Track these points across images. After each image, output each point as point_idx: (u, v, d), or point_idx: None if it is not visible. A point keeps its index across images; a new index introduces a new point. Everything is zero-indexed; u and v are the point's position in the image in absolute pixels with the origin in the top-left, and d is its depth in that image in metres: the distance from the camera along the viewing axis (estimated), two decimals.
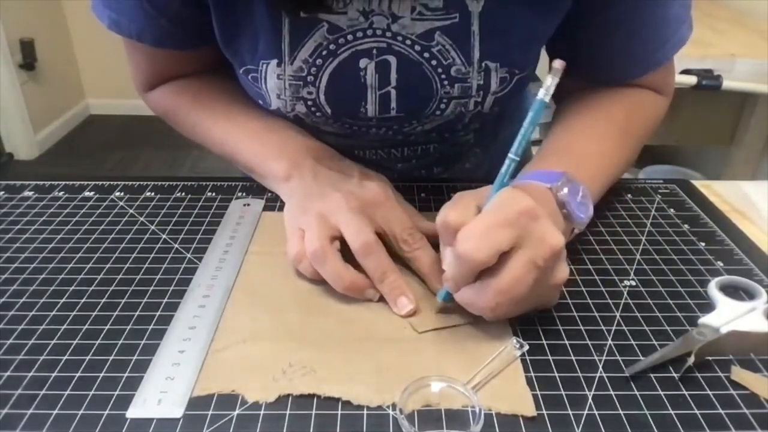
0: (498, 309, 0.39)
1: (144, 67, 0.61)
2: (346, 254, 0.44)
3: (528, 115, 0.41)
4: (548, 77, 0.40)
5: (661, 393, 0.36)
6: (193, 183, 0.61)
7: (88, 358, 0.39)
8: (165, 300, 0.44)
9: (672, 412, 0.35)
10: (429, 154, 0.63)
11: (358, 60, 0.51)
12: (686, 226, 0.54)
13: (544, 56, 0.61)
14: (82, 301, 0.44)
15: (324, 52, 0.50)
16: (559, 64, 0.40)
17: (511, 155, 0.41)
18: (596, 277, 0.47)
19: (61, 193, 0.59)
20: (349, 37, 0.50)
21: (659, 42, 0.55)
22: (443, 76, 0.51)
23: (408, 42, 0.50)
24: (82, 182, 0.61)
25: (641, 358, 0.39)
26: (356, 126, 0.56)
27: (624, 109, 0.57)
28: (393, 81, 0.52)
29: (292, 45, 0.50)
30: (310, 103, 0.53)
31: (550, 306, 0.43)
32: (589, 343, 0.40)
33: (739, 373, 0.38)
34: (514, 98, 0.56)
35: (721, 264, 0.49)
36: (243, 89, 0.59)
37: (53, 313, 0.43)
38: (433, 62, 0.51)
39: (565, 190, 0.44)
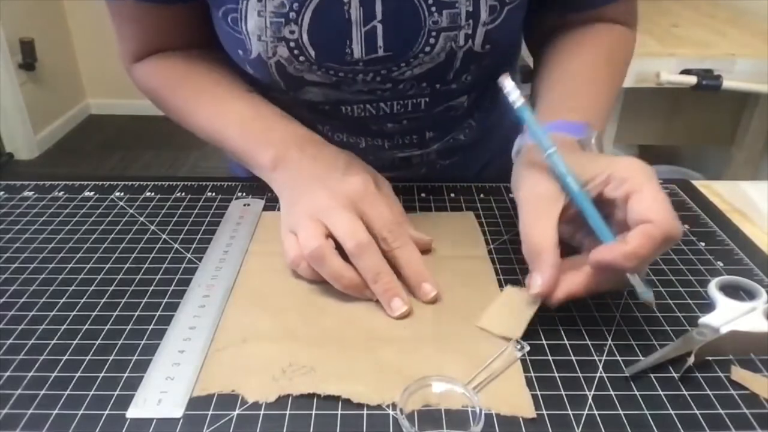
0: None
1: (129, 34, 0.60)
2: (338, 252, 0.44)
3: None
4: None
5: (661, 393, 0.36)
6: (193, 183, 0.61)
7: (88, 358, 0.39)
8: (165, 300, 0.44)
9: (672, 412, 0.35)
10: (420, 112, 0.59)
11: None
12: (686, 226, 0.54)
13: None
14: (82, 301, 0.44)
15: None
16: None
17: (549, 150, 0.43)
18: None
19: (61, 193, 0.59)
20: None
21: None
22: (430, 2, 0.50)
23: None
24: (82, 182, 0.61)
25: (641, 358, 0.39)
26: (342, 72, 0.53)
27: (606, 44, 0.59)
28: (378, 14, 0.50)
29: None
30: (292, 44, 0.50)
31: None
32: (589, 343, 0.40)
33: (739, 373, 0.38)
34: (507, 43, 0.56)
35: (721, 264, 0.49)
36: (231, 73, 0.58)
37: (53, 313, 0.43)
38: None
39: (593, 141, 0.47)
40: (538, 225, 0.41)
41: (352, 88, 0.55)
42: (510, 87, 0.45)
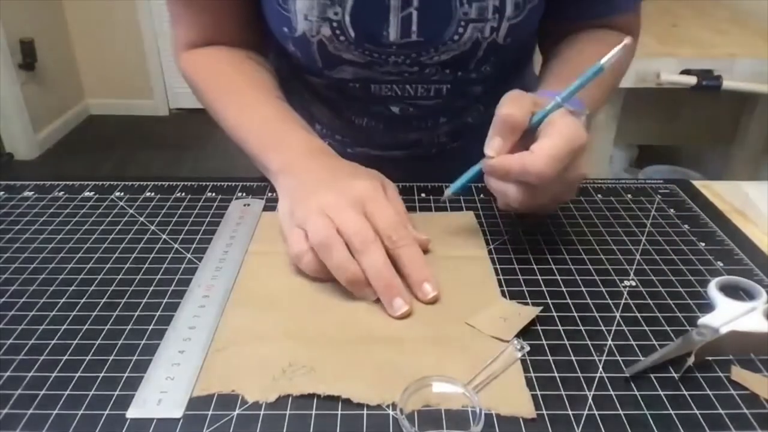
0: (523, 195, 0.44)
1: (183, 20, 0.63)
2: None
3: (585, 72, 0.46)
4: (614, 48, 0.46)
5: (661, 393, 0.36)
6: (193, 183, 0.61)
7: (88, 358, 0.39)
8: (165, 300, 0.44)
9: (672, 412, 0.35)
10: (441, 97, 0.64)
11: None
12: (686, 226, 0.54)
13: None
14: (82, 301, 0.44)
15: None
16: (628, 39, 0.46)
17: (558, 98, 0.46)
18: (596, 277, 0.47)
19: (61, 193, 0.59)
20: None
21: None
22: None
23: None
24: (82, 182, 0.61)
25: (641, 358, 0.39)
26: (376, 53, 0.58)
27: (606, 45, 0.61)
28: (415, 1, 0.55)
29: None
30: (335, 24, 0.55)
31: (565, 201, 0.51)
32: (589, 343, 0.40)
33: (739, 373, 0.38)
34: (525, 38, 0.60)
35: (721, 264, 0.49)
36: (268, 77, 0.63)
37: (53, 313, 0.43)
38: None
39: (583, 118, 0.50)
40: (517, 104, 0.46)
41: (383, 69, 0.60)
42: (612, 52, 0.47)
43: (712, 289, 0.45)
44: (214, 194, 0.59)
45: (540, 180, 0.43)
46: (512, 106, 0.45)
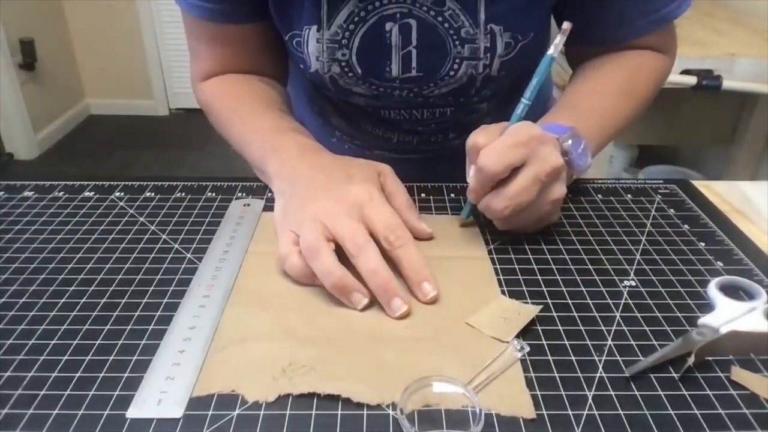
0: (507, 212, 0.47)
1: (203, 56, 0.66)
2: (341, 260, 0.44)
3: (539, 67, 0.50)
4: (558, 36, 0.49)
5: (661, 393, 0.36)
6: (193, 183, 0.61)
7: (88, 358, 0.39)
8: (165, 300, 0.44)
9: (672, 412, 0.35)
10: (446, 117, 0.68)
11: (384, 23, 0.58)
12: (686, 226, 0.54)
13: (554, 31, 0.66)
14: (82, 301, 0.44)
15: (356, 19, 0.58)
16: (566, 25, 0.49)
17: (524, 100, 0.50)
18: (596, 277, 0.47)
19: (61, 193, 0.59)
20: (377, 3, 0.57)
21: (667, 1, 0.60)
22: (455, 37, 0.58)
23: (424, 8, 0.57)
24: (82, 182, 0.61)
25: (641, 358, 0.39)
26: (382, 87, 0.62)
27: (626, 70, 0.63)
28: (414, 41, 0.59)
29: (329, 12, 0.58)
30: (343, 64, 0.60)
31: (551, 222, 0.52)
32: (589, 343, 0.40)
33: (739, 373, 0.38)
34: (521, 68, 0.62)
35: (721, 264, 0.49)
36: (272, 92, 0.66)
37: (53, 313, 0.43)
38: (446, 25, 0.58)
39: (570, 141, 0.50)
40: (486, 132, 0.48)
41: (390, 100, 0.64)
42: (557, 40, 0.50)
43: (712, 289, 0.45)
44: (214, 194, 0.59)
45: (492, 169, 0.45)
46: (478, 135, 0.48)
